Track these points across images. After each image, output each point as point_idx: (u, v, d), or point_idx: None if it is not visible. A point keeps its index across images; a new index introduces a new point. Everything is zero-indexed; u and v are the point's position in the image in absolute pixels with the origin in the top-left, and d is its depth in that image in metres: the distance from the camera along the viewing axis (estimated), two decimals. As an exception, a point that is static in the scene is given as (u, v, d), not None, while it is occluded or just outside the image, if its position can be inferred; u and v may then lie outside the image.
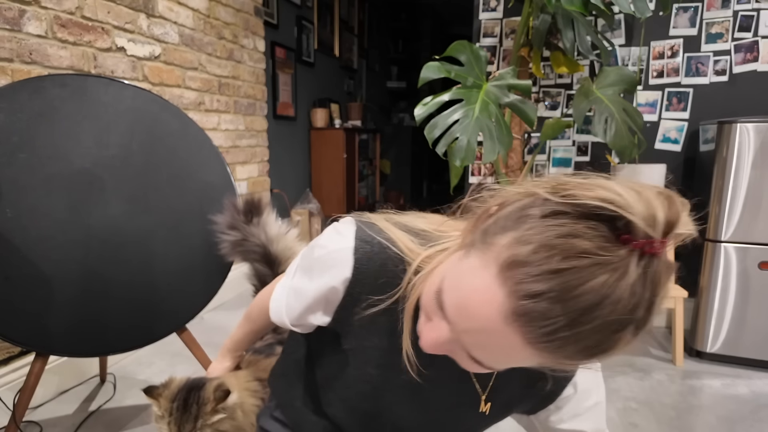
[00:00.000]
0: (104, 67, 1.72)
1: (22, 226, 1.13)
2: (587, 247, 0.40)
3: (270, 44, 2.98)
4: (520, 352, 0.43)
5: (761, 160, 1.74)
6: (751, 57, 2.04)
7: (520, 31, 2.00)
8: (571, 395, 0.67)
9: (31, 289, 1.14)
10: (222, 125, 2.47)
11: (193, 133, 1.39)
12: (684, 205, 0.43)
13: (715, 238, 1.84)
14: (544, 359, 0.44)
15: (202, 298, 1.38)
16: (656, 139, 2.20)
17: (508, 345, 0.43)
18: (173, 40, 2.07)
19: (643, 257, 0.40)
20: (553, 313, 0.40)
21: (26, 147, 1.14)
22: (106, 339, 1.25)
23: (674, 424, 1.47)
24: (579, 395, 0.66)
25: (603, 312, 0.39)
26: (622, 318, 0.40)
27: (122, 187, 1.27)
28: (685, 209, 0.42)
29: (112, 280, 1.25)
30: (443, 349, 0.50)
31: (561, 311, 0.39)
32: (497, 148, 1.70)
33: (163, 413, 0.80)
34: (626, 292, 0.39)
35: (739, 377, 1.77)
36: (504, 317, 0.42)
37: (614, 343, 0.41)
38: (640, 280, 0.40)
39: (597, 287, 0.39)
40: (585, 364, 0.45)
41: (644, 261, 0.40)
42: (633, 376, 1.78)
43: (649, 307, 0.41)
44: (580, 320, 0.39)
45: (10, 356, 1.47)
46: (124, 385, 1.65)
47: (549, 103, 2.30)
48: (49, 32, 1.50)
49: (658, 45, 2.14)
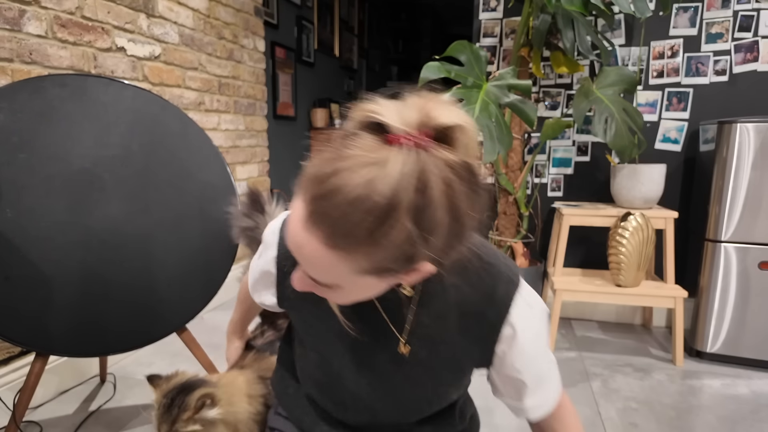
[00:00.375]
0: (104, 67, 1.72)
1: (22, 227, 1.13)
2: (353, 152, 0.46)
3: (270, 44, 2.98)
4: (330, 260, 0.48)
5: (761, 160, 1.74)
6: (751, 57, 2.04)
7: (520, 31, 2.00)
8: (511, 336, 0.64)
9: (31, 289, 1.14)
10: (222, 125, 2.47)
11: (193, 133, 1.39)
12: (446, 101, 0.49)
13: (715, 238, 1.84)
14: (351, 263, 0.48)
15: (202, 298, 1.38)
16: (656, 139, 2.20)
17: (318, 255, 0.48)
18: (173, 40, 2.07)
19: (411, 151, 0.45)
20: (330, 211, 0.45)
21: (26, 147, 1.14)
22: (106, 339, 1.25)
23: (674, 424, 1.47)
24: (519, 335, 0.64)
25: (370, 202, 0.44)
26: (391, 203, 0.44)
27: (122, 187, 1.27)
28: (444, 104, 0.48)
29: (112, 280, 1.25)
30: (305, 284, 0.56)
31: (334, 208, 0.45)
32: (497, 148, 1.70)
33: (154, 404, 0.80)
34: (391, 181, 0.44)
35: (739, 377, 1.77)
36: (303, 226, 0.48)
37: (393, 229, 0.45)
38: (403, 170, 0.44)
39: (362, 181, 0.44)
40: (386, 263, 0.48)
41: (410, 154, 0.45)
42: (633, 376, 1.78)
43: (420, 191, 0.45)
44: (351, 213, 0.44)
45: (10, 356, 1.47)
46: (124, 385, 1.65)
47: (549, 103, 2.30)
48: (49, 32, 1.50)
49: (658, 45, 2.14)
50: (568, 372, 1.81)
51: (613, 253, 1.92)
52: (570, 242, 2.32)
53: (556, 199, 2.36)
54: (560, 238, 2.03)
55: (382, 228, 0.45)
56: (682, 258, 2.16)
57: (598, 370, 1.83)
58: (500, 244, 2.21)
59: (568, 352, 1.99)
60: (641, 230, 1.87)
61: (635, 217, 1.87)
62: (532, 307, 0.65)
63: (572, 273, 2.24)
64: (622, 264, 1.90)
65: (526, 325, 0.64)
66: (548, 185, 2.36)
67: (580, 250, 2.36)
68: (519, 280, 0.65)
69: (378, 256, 0.47)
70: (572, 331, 2.21)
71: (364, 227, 0.45)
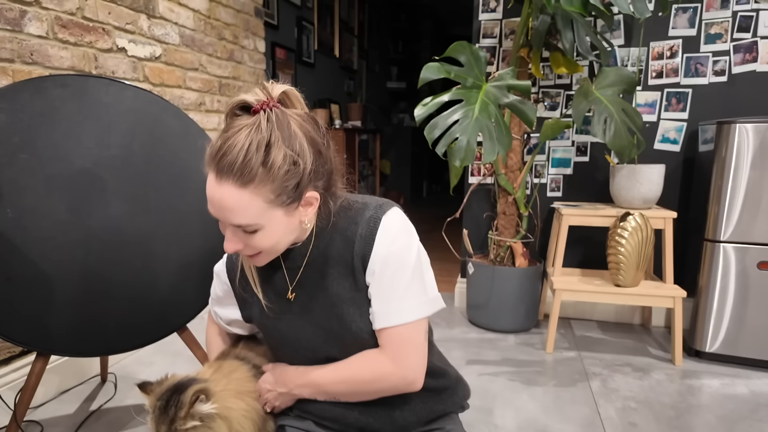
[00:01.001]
0: (105, 68, 1.72)
1: (23, 227, 1.13)
2: (234, 124, 0.70)
3: (270, 45, 2.99)
4: (245, 198, 0.68)
5: (760, 160, 1.75)
6: (750, 57, 2.05)
7: (519, 31, 2.00)
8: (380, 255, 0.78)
9: (32, 289, 1.14)
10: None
11: (194, 133, 1.39)
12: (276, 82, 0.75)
13: (714, 238, 1.84)
14: (261, 195, 0.68)
15: (203, 298, 1.38)
16: (655, 140, 2.20)
17: (235, 198, 0.68)
18: (174, 40, 2.07)
19: (268, 111, 0.70)
20: (231, 161, 0.67)
21: (27, 147, 1.15)
22: (106, 339, 1.25)
23: (673, 424, 1.47)
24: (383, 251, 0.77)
25: (254, 143, 0.67)
26: (269, 140, 0.68)
27: (123, 188, 1.27)
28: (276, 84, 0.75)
29: (113, 280, 1.25)
30: (234, 243, 0.74)
31: (233, 158, 0.67)
32: (497, 149, 1.70)
33: (149, 410, 0.81)
34: (262, 127, 0.68)
35: (738, 377, 1.78)
36: (216, 184, 0.69)
37: (277, 156, 0.68)
38: (267, 123, 0.69)
39: (244, 134, 0.68)
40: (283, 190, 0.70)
41: (270, 113, 0.70)
42: (632, 375, 1.78)
43: (283, 128, 0.69)
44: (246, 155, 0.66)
45: (11, 356, 1.48)
46: (125, 385, 1.66)
47: (548, 104, 2.31)
48: (50, 33, 1.51)
49: (657, 45, 2.15)
50: (567, 372, 1.81)
51: (612, 253, 1.93)
52: (569, 242, 2.32)
53: (555, 200, 2.36)
54: (559, 238, 2.03)
55: (269, 156, 0.67)
56: (681, 258, 2.17)
57: (597, 369, 1.83)
58: (500, 244, 2.21)
59: (568, 351, 1.99)
60: (640, 230, 1.87)
61: (634, 217, 1.88)
62: (398, 227, 0.78)
63: (571, 273, 2.25)
64: (621, 264, 1.91)
65: (389, 241, 0.77)
66: (547, 185, 2.37)
67: (579, 250, 2.36)
68: (387, 206, 0.80)
69: (276, 183, 0.68)
70: (571, 331, 2.22)
71: (258, 161, 0.67)
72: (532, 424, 1.46)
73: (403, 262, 0.78)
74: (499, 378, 1.74)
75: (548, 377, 1.76)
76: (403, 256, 0.78)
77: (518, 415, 1.51)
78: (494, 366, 1.84)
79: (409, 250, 0.79)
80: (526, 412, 1.53)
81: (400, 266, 0.78)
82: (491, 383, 1.69)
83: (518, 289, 2.13)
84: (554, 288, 1.98)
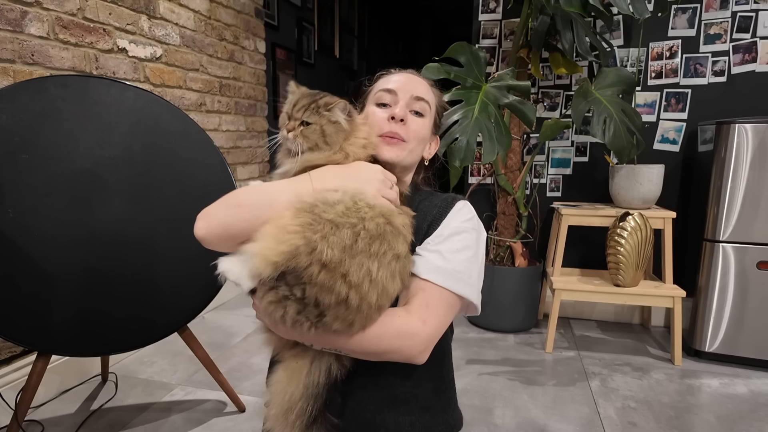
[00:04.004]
0: (106, 68, 1.73)
1: (25, 227, 1.14)
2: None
3: (270, 45, 2.99)
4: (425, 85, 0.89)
5: (759, 160, 1.75)
6: (750, 58, 2.05)
7: (519, 32, 2.01)
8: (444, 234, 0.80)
9: (33, 289, 1.15)
10: (223, 126, 2.48)
11: (194, 133, 1.40)
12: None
13: (713, 238, 1.85)
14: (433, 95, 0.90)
15: (203, 298, 1.38)
16: (655, 140, 2.21)
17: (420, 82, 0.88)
18: (174, 41, 2.08)
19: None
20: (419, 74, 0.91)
21: (28, 147, 1.15)
22: (107, 338, 1.26)
23: (673, 424, 1.47)
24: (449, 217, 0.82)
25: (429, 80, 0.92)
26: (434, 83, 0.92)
27: (124, 188, 1.27)
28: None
29: (114, 280, 1.25)
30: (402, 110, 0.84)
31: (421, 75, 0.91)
32: (496, 149, 1.71)
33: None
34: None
35: (737, 377, 1.78)
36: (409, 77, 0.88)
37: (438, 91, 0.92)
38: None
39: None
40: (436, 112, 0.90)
41: None
42: (632, 375, 1.78)
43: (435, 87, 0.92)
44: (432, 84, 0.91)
45: (12, 355, 1.48)
46: (125, 384, 1.66)
47: (548, 104, 2.31)
48: (50, 33, 1.51)
49: (656, 46, 2.15)
50: (566, 371, 1.81)
51: (611, 253, 1.93)
52: (569, 242, 2.33)
53: (554, 200, 2.37)
54: (559, 238, 2.04)
55: (435, 87, 0.91)
56: (681, 258, 2.17)
57: (596, 369, 1.83)
58: (499, 244, 2.21)
59: (567, 351, 2.00)
60: (640, 230, 1.87)
61: (634, 217, 1.88)
62: (472, 213, 0.84)
63: (571, 273, 2.25)
64: (620, 264, 1.91)
65: (461, 218, 0.81)
66: (547, 185, 2.37)
67: (578, 250, 2.37)
68: (462, 197, 0.86)
69: (437, 100, 0.90)
70: (571, 331, 2.22)
71: (431, 82, 0.90)
72: (532, 423, 1.46)
73: (467, 241, 0.80)
74: (499, 377, 1.74)
75: (548, 377, 1.77)
76: (469, 235, 0.80)
77: (518, 414, 1.51)
78: (494, 366, 1.84)
79: (476, 235, 0.82)
80: (526, 411, 1.53)
81: (464, 242, 0.79)
82: (491, 383, 1.70)
83: (518, 288, 2.14)
84: (554, 288, 1.98)
